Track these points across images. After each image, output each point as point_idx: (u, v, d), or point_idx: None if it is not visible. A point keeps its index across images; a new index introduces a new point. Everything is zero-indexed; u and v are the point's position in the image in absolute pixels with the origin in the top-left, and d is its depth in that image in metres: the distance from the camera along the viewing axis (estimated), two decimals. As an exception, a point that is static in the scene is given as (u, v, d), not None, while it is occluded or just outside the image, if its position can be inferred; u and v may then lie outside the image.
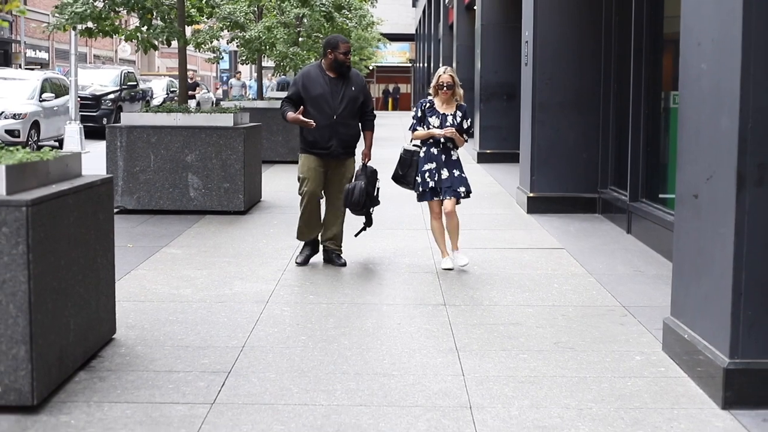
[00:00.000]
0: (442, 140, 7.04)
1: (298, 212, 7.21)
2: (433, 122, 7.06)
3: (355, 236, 7.39)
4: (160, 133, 9.60)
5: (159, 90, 29.65)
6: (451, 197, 7.01)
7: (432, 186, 7.02)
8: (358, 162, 7.19)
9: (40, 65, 38.25)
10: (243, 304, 5.94)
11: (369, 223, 7.28)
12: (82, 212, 4.48)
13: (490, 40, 15.78)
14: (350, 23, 19.88)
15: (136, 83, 25.70)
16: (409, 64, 57.09)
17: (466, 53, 19.32)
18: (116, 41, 45.79)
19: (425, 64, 37.22)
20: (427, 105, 7.13)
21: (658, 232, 7.67)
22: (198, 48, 13.27)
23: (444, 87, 7.03)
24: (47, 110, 18.81)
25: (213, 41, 16.40)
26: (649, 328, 5.43)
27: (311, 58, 18.27)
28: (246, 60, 18.27)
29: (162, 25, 10.65)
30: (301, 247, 7.34)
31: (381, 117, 7.51)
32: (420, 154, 7.10)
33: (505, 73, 15.59)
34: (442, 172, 7.02)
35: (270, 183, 12.03)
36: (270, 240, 8.25)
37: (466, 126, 7.11)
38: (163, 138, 9.57)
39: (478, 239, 8.38)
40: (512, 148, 14.25)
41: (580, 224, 9.24)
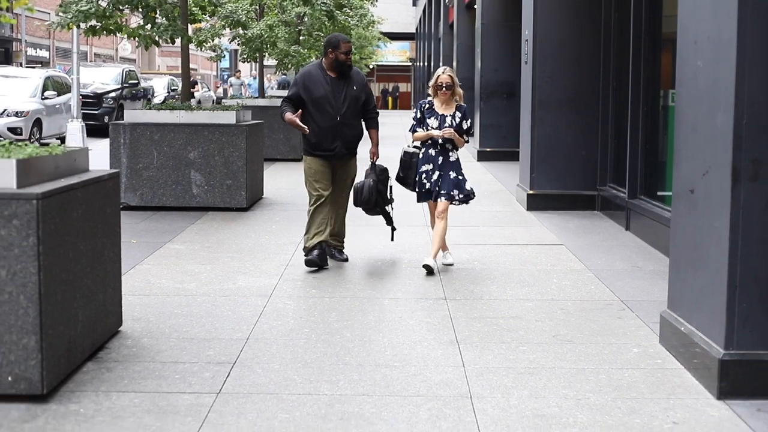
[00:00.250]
0: (440, 141, 6.99)
1: (299, 209, 7.26)
2: (432, 123, 6.99)
3: (392, 240, 7.37)
4: (163, 130, 9.68)
5: (160, 88, 29.70)
6: (442, 200, 6.96)
7: (428, 188, 7.01)
8: (360, 161, 7.21)
9: (41, 63, 38.34)
10: (247, 297, 6.02)
11: (389, 222, 7.23)
12: (90, 206, 4.56)
13: (491, 39, 15.86)
14: (351, 22, 19.96)
15: (137, 81, 25.76)
16: (410, 63, 57.16)
17: (466, 52, 19.40)
18: (116, 39, 45.87)
19: (425, 63, 37.26)
20: (427, 106, 7.07)
21: (656, 228, 7.74)
22: (200, 46, 13.33)
23: (443, 87, 6.96)
24: (49, 108, 18.89)
25: (215, 39, 16.47)
26: (646, 321, 5.51)
27: (312, 57, 18.35)
28: (247, 58, 18.33)
29: (166, 23, 10.72)
30: (307, 248, 7.00)
31: (380, 116, 7.55)
32: (419, 156, 7.08)
33: (505, 72, 15.67)
34: (436, 173, 6.98)
35: (271, 180, 12.11)
36: (272, 236, 8.33)
37: (465, 127, 7.04)
38: (166, 135, 9.66)
39: (479, 236, 8.48)
40: (512, 146, 14.32)
41: (579, 221, 9.32)
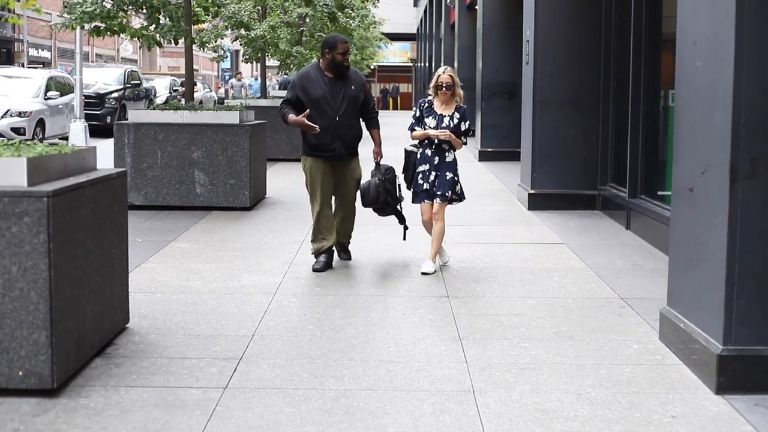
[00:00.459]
0: (436, 141, 6.95)
1: (302, 208, 7.29)
2: (430, 123, 6.97)
3: (404, 239, 7.39)
4: (167, 130, 9.76)
5: (162, 89, 29.80)
6: (438, 201, 6.94)
7: (426, 188, 6.98)
8: (362, 161, 7.22)
9: (43, 64, 38.44)
10: (251, 295, 6.09)
11: (401, 220, 7.24)
12: (98, 204, 4.64)
13: (492, 40, 15.94)
14: (353, 23, 20.03)
15: (139, 82, 25.84)
16: (411, 64, 57.24)
17: (467, 53, 19.49)
18: (118, 40, 45.96)
19: (426, 64, 37.33)
20: (426, 105, 7.05)
21: (656, 227, 7.81)
22: (202, 47, 13.39)
23: (443, 87, 6.92)
24: (52, 108, 18.98)
25: (217, 40, 16.52)
26: (646, 318, 5.58)
27: (314, 57, 18.42)
28: (249, 59, 18.40)
29: (170, 24, 10.79)
30: (314, 249, 7.03)
31: (381, 116, 7.60)
32: (417, 155, 7.07)
33: (507, 72, 15.75)
34: (433, 174, 6.96)
35: (274, 180, 12.18)
36: (276, 235, 8.40)
37: (464, 128, 6.99)
38: (170, 135, 9.73)
39: (480, 235, 8.55)
40: (513, 146, 14.40)
41: (580, 220, 9.39)
